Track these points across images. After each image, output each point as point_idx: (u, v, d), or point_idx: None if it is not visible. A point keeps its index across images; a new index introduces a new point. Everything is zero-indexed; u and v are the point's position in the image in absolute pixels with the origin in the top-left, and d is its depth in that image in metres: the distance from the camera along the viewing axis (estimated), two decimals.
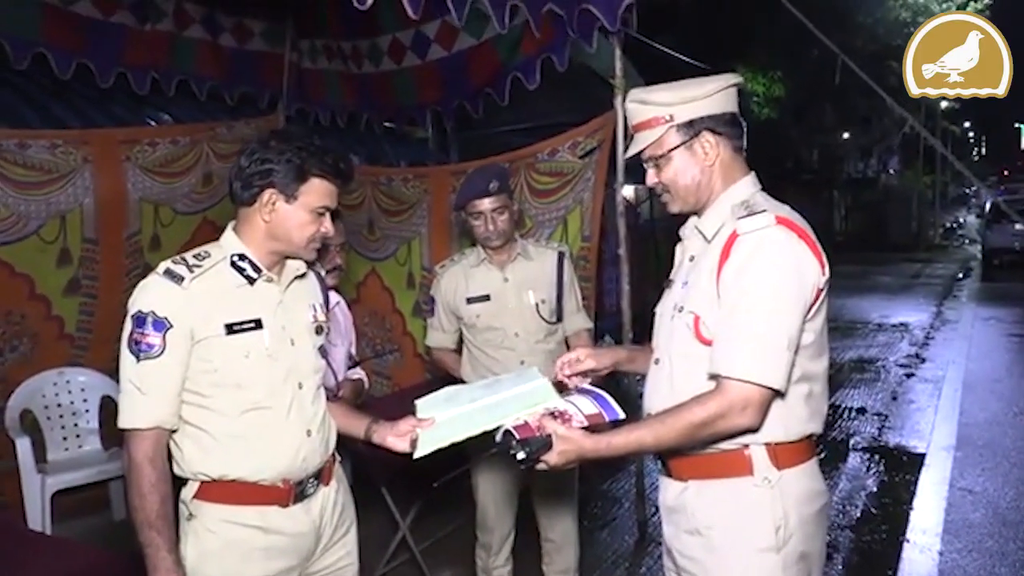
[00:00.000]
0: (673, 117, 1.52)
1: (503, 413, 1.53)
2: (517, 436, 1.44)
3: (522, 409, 1.53)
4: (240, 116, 4.54)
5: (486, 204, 2.44)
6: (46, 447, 3.71)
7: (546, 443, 1.42)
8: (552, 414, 1.50)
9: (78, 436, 3.85)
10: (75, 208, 3.84)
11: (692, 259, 1.59)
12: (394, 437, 1.70)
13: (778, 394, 1.41)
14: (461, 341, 2.71)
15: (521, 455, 1.42)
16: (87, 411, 3.87)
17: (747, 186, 1.55)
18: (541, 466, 1.44)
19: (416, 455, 1.58)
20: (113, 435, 3.96)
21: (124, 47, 3.95)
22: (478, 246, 2.59)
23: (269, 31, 4.47)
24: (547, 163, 3.63)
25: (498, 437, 1.50)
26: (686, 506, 1.54)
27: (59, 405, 3.80)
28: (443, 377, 3.67)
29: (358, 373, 2.69)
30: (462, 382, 2.60)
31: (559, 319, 2.61)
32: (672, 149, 1.54)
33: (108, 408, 3.92)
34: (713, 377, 1.43)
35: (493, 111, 4.27)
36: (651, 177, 1.59)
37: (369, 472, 2.91)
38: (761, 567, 1.47)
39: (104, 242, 3.97)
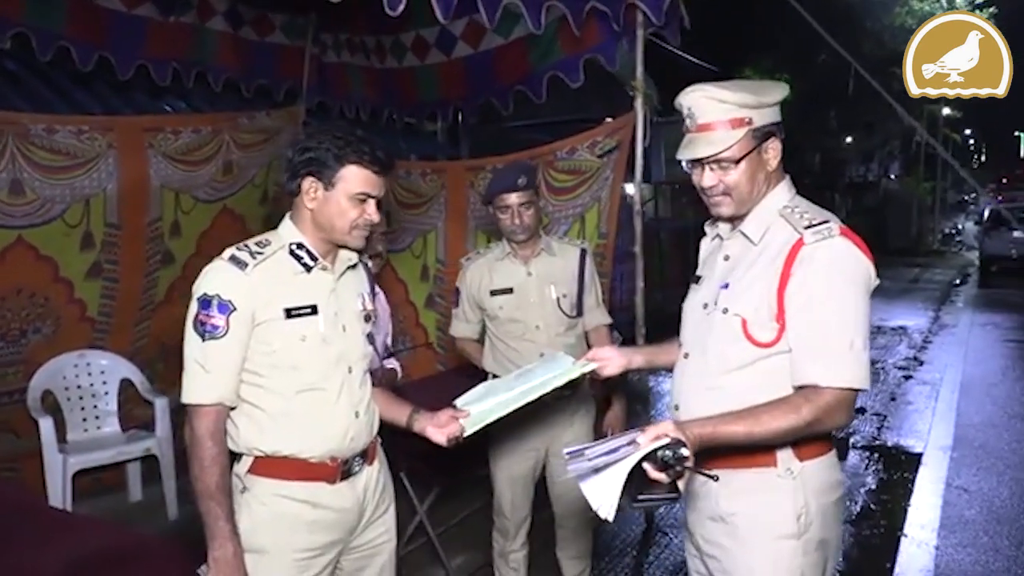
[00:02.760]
0: (753, 121, 1.51)
1: (540, 392, 1.63)
2: (667, 441, 1.30)
3: (556, 385, 1.61)
4: (256, 108, 4.60)
5: (513, 198, 2.51)
6: (66, 428, 3.79)
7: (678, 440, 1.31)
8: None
9: (97, 418, 3.93)
10: (98, 193, 3.90)
11: (727, 259, 1.63)
12: (433, 428, 1.79)
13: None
14: (484, 332, 2.78)
15: (686, 451, 1.29)
16: (106, 393, 3.96)
17: (787, 189, 1.60)
18: (686, 478, 1.32)
19: (467, 432, 1.66)
20: (131, 417, 4.05)
21: (146, 39, 4.00)
22: (503, 240, 2.66)
23: (291, 24, 4.53)
24: (566, 161, 3.71)
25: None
26: (711, 494, 1.61)
27: (79, 387, 3.88)
28: (456, 368, 3.78)
29: (392, 363, 2.79)
30: (484, 372, 2.70)
31: (579, 314, 2.68)
32: (748, 153, 1.52)
33: (127, 391, 4.01)
34: (804, 385, 1.46)
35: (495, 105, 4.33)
36: (711, 179, 1.56)
37: (389, 459, 2.99)
38: (782, 552, 1.55)
39: (126, 227, 4.04)
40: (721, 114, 1.51)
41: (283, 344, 1.62)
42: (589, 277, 2.70)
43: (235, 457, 1.67)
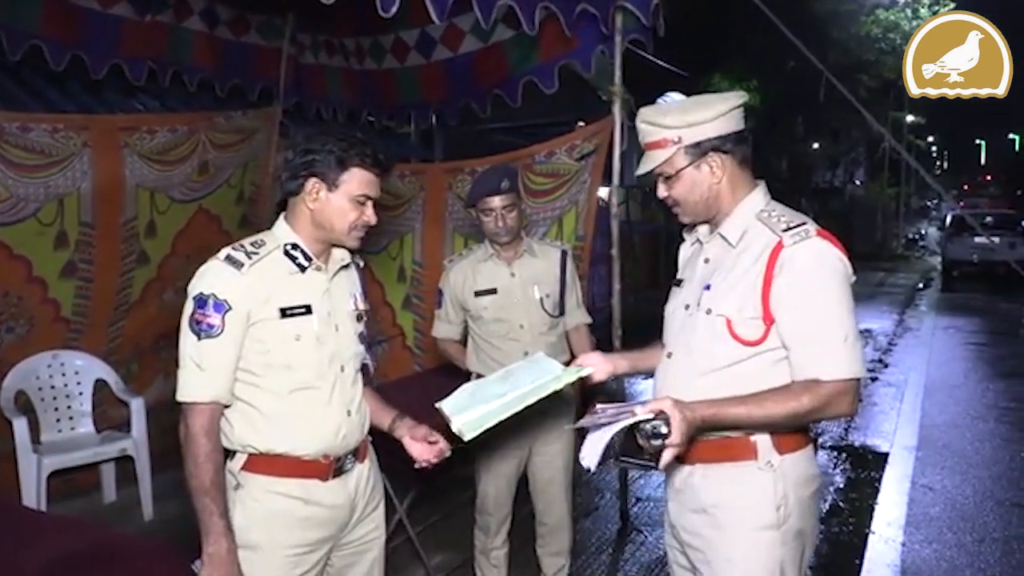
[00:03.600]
0: (681, 139, 1.60)
1: (537, 396, 1.66)
2: (652, 415, 1.39)
3: (553, 388, 1.66)
4: (230, 108, 4.57)
5: (497, 201, 2.56)
6: (40, 428, 3.74)
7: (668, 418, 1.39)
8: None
9: (71, 418, 3.89)
10: (73, 192, 3.86)
11: (708, 261, 1.69)
12: (411, 439, 1.84)
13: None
14: (466, 333, 2.82)
15: (665, 429, 1.37)
16: (80, 394, 3.91)
17: (763, 195, 1.67)
18: (668, 454, 1.39)
19: (467, 438, 1.68)
20: (105, 418, 4.01)
21: (121, 38, 3.97)
22: (486, 242, 2.71)
23: (268, 25, 4.52)
24: (544, 164, 3.75)
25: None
26: (693, 486, 1.67)
27: (53, 387, 3.83)
28: (434, 369, 3.80)
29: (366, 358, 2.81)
30: (468, 372, 2.73)
31: (561, 313, 2.75)
32: (681, 169, 1.63)
33: (102, 391, 3.97)
34: (806, 380, 1.53)
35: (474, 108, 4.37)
36: (662, 191, 1.69)
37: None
38: (762, 542, 1.60)
39: (100, 226, 4.00)
40: (654, 135, 1.64)
41: (277, 343, 1.64)
42: (570, 277, 2.77)
43: (229, 454, 1.69)
